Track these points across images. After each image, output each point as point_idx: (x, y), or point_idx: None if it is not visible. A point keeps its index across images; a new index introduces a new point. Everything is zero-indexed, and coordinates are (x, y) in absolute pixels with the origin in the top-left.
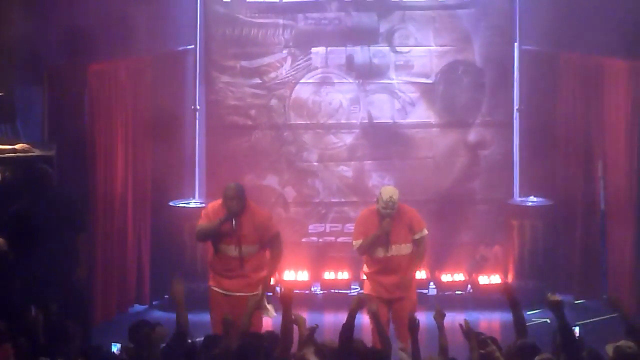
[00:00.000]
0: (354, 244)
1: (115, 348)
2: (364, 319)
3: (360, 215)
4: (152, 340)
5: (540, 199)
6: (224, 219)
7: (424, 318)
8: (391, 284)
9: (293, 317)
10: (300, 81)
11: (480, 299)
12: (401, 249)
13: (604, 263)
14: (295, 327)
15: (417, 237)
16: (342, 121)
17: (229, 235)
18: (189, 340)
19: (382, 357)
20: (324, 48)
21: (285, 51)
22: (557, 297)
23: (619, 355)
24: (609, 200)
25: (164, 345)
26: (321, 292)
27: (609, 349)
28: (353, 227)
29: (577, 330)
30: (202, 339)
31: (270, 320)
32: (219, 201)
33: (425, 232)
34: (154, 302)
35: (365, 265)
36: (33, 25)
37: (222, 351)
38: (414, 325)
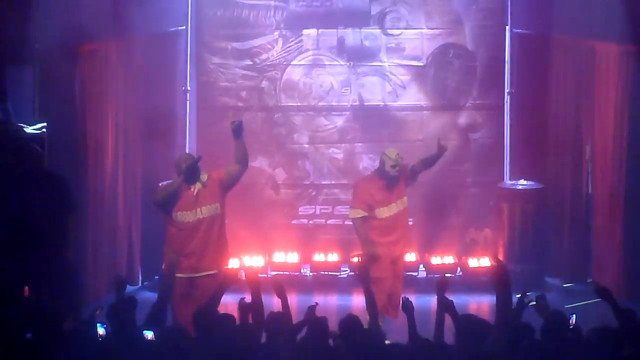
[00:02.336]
0: (351, 213)
1: (102, 329)
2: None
3: (359, 184)
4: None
5: (531, 183)
6: (183, 179)
7: (414, 300)
8: (394, 241)
9: (277, 290)
10: (292, 63)
11: (470, 282)
12: (403, 202)
13: (590, 247)
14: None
15: (409, 172)
16: (333, 103)
17: (187, 200)
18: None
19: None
20: (315, 30)
21: (276, 33)
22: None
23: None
24: (595, 184)
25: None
26: (311, 274)
27: None
28: (351, 198)
29: (573, 318)
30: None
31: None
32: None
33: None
34: (144, 283)
35: (369, 233)
36: (24, 6)
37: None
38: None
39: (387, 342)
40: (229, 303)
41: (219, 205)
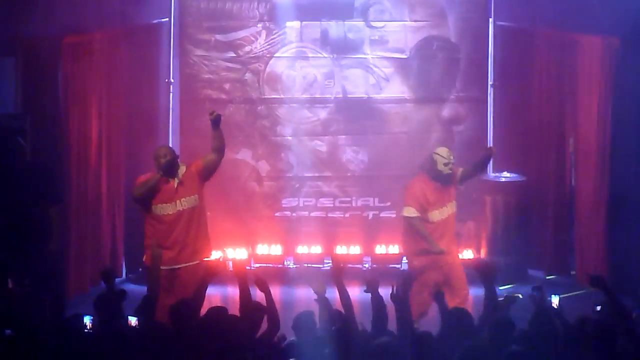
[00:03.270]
0: (407, 212)
1: (88, 319)
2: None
3: (412, 184)
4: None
5: (514, 175)
6: (160, 174)
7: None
8: (447, 249)
9: (257, 284)
10: (275, 55)
11: None
12: (453, 206)
13: (573, 239)
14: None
15: (460, 175)
16: (317, 96)
17: (167, 193)
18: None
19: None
20: (298, 22)
21: (260, 25)
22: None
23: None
24: (579, 176)
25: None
26: (294, 266)
27: None
28: (403, 194)
29: (556, 300)
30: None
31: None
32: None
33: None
34: (128, 275)
35: (417, 239)
36: None
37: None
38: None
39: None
40: (212, 295)
41: (198, 196)
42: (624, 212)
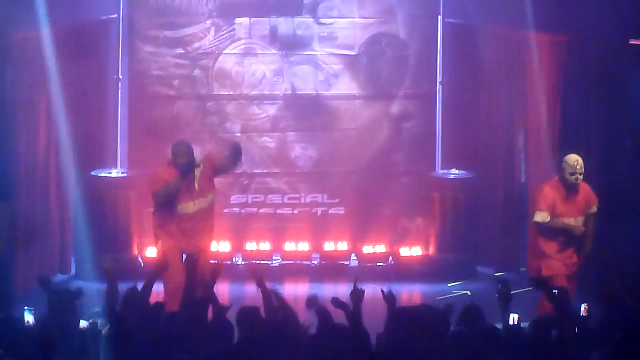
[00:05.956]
0: (539, 216)
1: (29, 314)
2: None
3: (543, 189)
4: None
5: (462, 172)
6: (182, 175)
7: (345, 290)
8: (569, 256)
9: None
10: (224, 52)
11: (402, 271)
12: (576, 221)
13: (523, 236)
14: None
15: (591, 212)
16: (266, 92)
17: (185, 193)
18: None
19: None
20: (247, 19)
21: (209, 22)
22: None
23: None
24: (529, 173)
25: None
26: (243, 262)
27: None
28: (534, 199)
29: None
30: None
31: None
32: (163, 167)
33: (596, 208)
34: (77, 272)
35: (544, 247)
36: None
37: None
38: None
39: None
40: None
41: (213, 195)
42: None
